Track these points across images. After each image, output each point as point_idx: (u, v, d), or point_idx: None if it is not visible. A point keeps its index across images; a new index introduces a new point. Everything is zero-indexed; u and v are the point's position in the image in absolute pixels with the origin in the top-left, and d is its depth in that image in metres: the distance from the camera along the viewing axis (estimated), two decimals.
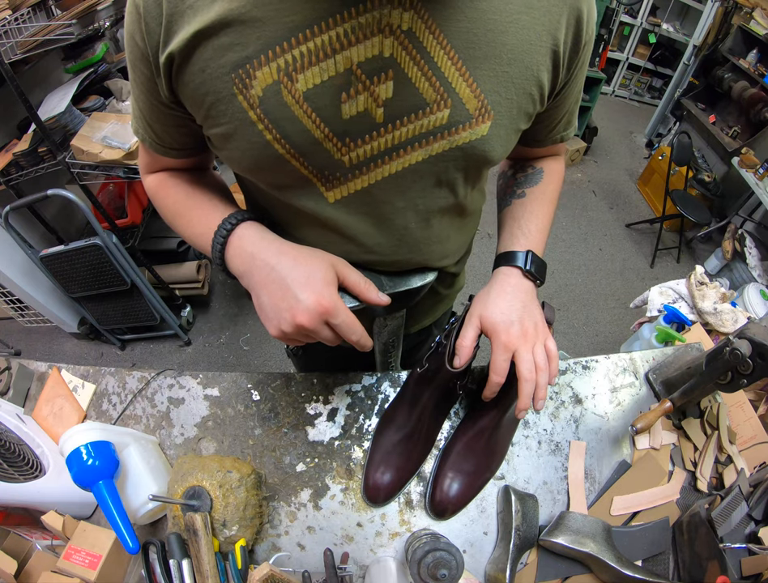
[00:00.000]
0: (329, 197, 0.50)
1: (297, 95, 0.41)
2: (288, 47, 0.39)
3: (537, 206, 0.64)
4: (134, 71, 0.47)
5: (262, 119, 0.42)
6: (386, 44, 0.39)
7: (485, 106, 0.44)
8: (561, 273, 2.70)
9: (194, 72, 0.41)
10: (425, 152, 0.46)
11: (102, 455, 0.57)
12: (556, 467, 0.72)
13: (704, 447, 0.74)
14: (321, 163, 0.46)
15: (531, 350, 0.54)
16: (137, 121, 0.53)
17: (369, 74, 0.40)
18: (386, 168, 0.47)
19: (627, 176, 3.66)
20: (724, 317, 1.21)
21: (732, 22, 3.05)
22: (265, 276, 0.47)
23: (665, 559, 0.67)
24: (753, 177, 2.41)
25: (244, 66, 0.39)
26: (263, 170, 0.48)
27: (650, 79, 4.82)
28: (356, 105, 0.42)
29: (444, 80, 0.42)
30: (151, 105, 0.49)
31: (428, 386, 0.65)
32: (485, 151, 0.48)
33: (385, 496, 0.66)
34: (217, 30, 0.38)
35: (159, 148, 0.54)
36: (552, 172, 0.68)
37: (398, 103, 0.42)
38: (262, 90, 0.41)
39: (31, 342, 2.18)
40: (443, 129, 0.45)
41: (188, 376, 0.78)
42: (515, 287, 0.58)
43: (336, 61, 0.39)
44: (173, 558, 0.56)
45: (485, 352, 0.60)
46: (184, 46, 0.40)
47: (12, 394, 0.77)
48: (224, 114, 0.43)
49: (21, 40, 1.31)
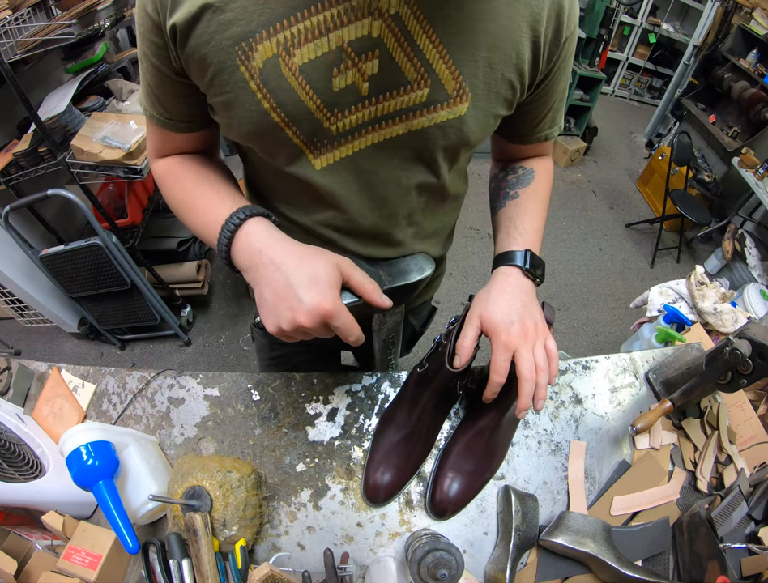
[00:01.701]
0: (316, 165, 0.52)
1: (294, 68, 0.44)
2: (287, 24, 0.42)
3: (531, 206, 0.65)
4: (143, 43, 0.48)
5: (261, 89, 0.45)
6: (375, 26, 0.43)
7: (463, 87, 0.48)
8: (561, 273, 2.70)
9: (198, 44, 0.44)
10: (406, 127, 0.49)
11: (102, 455, 0.57)
12: (556, 467, 0.72)
13: (704, 447, 0.74)
14: (311, 131, 0.49)
15: (532, 349, 0.55)
16: (146, 98, 0.55)
17: (357, 52, 0.44)
18: (369, 137, 0.50)
19: (627, 176, 3.66)
20: (724, 317, 1.21)
21: (732, 22, 3.05)
22: (270, 273, 0.48)
23: (665, 559, 0.67)
24: (753, 177, 2.41)
25: (247, 40, 0.43)
26: (259, 137, 0.51)
27: (650, 79, 4.82)
28: (345, 79, 0.46)
29: (425, 61, 0.45)
30: (160, 77, 0.51)
31: (428, 386, 0.65)
32: (463, 130, 0.51)
33: (385, 496, 0.66)
34: (223, 4, 0.41)
35: (167, 122, 0.56)
36: (543, 172, 0.69)
37: (382, 79, 0.46)
38: (262, 62, 0.44)
39: (31, 342, 2.17)
40: (422, 106, 0.48)
41: (188, 376, 0.78)
42: (515, 287, 0.58)
43: (329, 39, 0.43)
44: (173, 558, 0.56)
45: (485, 352, 0.60)
46: (190, 18, 0.42)
47: (12, 394, 0.77)
48: (227, 83, 0.46)
49: (21, 40, 1.31)
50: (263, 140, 0.51)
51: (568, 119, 3.56)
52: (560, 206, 3.20)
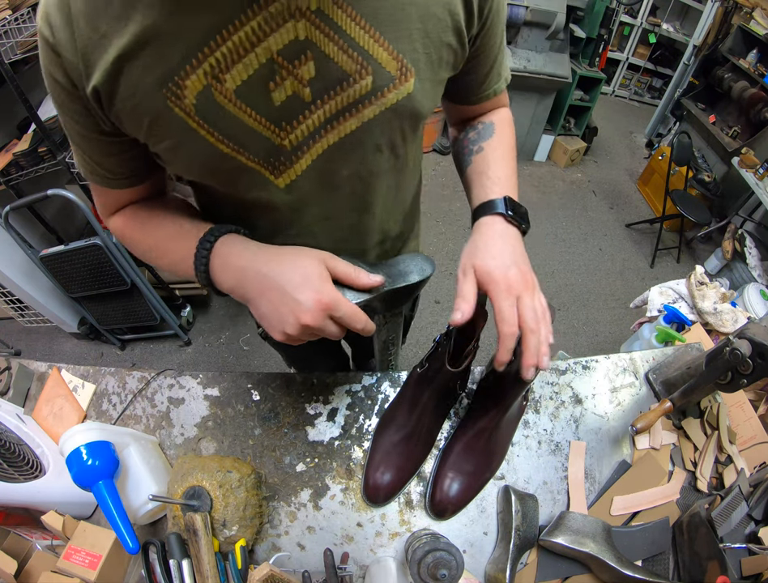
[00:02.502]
0: (279, 184, 0.51)
1: (229, 94, 0.42)
2: (208, 51, 0.40)
3: (499, 155, 0.63)
4: (64, 113, 0.46)
5: (202, 124, 0.44)
6: (300, 27, 0.41)
7: (405, 65, 0.46)
8: (561, 273, 2.70)
9: (124, 98, 0.42)
10: (358, 120, 0.48)
11: (102, 455, 0.57)
12: (556, 467, 0.72)
13: (704, 447, 0.74)
14: (265, 152, 0.48)
15: (533, 297, 0.51)
16: (83, 165, 0.53)
17: (289, 59, 0.42)
18: (324, 140, 0.49)
19: (627, 176, 3.66)
20: (724, 317, 1.21)
21: (732, 22, 3.05)
22: (259, 285, 0.48)
23: (665, 559, 0.67)
24: (753, 177, 2.41)
25: (172, 79, 0.40)
26: (214, 171, 0.49)
27: (650, 79, 4.82)
28: (285, 90, 0.44)
29: (361, 50, 0.44)
30: (92, 141, 0.49)
31: (428, 386, 0.65)
32: (414, 106, 0.50)
33: (385, 496, 0.66)
34: (137, 51, 0.39)
35: (112, 182, 0.54)
36: (502, 122, 0.67)
37: (322, 80, 0.44)
38: (194, 97, 0.42)
39: (31, 342, 2.17)
40: (370, 95, 0.46)
41: (188, 376, 0.78)
42: (503, 234, 0.55)
43: (257, 53, 0.41)
44: (173, 558, 0.56)
45: (485, 352, 0.60)
46: (108, 76, 0.40)
47: (12, 394, 0.77)
48: (165, 129, 0.44)
49: (21, 40, 1.31)
50: (219, 173, 0.49)
51: (568, 119, 3.56)
52: (560, 206, 3.20)
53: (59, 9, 0.39)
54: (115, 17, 0.38)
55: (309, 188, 0.53)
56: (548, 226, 3.01)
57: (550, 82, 2.98)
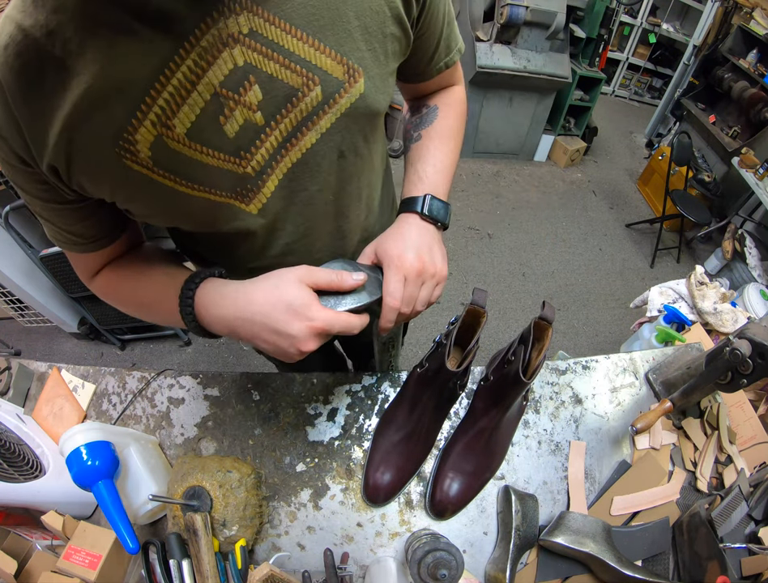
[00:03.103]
0: (251, 210, 0.51)
1: (181, 138, 0.42)
2: (150, 101, 0.39)
3: (433, 146, 0.63)
4: (25, 192, 0.46)
5: (162, 174, 0.43)
6: (237, 54, 0.40)
7: (351, 67, 0.45)
8: (561, 273, 2.70)
9: (81, 166, 0.41)
10: (316, 132, 0.47)
11: (102, 455, 0.57)
12: (556, 467, 0.72)
13: (704, 447, 0.74)
14: (231, 184, 0.47)
15: (420, 285, 0.53)
16: (53, 236, 0.52)
17: (234, 89, 0.41)
18: (287, 159, 0.48)
19: (627, 176, 3.66)
20: (724, 316, 1.21)
21: (732, 22, 3.05)
22: (249, 330, 0.48)
23: (665, 559, 0.67)
24: (753, 177, 2.41)
25: (122, 136, 0.40)
26: (184, 214, 0.49)
27: (650, 79, 4.82)
28: (236, 121, 0.43)
29: (303, 61, 0.43)
30: (58, 212, 0.48)
31: (428, 386, 0.65)
32: (369, 105, 0.49)
33: (385, 496, 0.66)
34: (81, 118, 0.38)
35: (86, 247, 0.53)
36: (447, 106, 0.66)
37: (270, 101, 0.43)
38: (148, 149, 0.41)
39: (31, 342, 2.17)
40: (322, 104, 0.46)
41: (188, 376, 0.78)
42: (415, 228, 0.56)
43: (200, 91, 0.40)
44: (173, 558, 0.56)
45: (485, 352, 0.60)
46: (59, 149, 0.39)
47: (12, 394, 0.77)
48: (127, 186, 0.43)
49: None
50: (192, 215, 0.49)
51: (568, 119, 3.56)
52: (560, 206, 3.20)
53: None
54: (51, 90, 0.37)
55: (280, 208, 0.52)
56: (548, 226, 3.01)
57: (550, 83, 2.98)
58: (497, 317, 2.32)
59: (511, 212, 3.07)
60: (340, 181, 0.55)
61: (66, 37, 0.35)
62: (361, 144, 0.54)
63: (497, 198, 3.15)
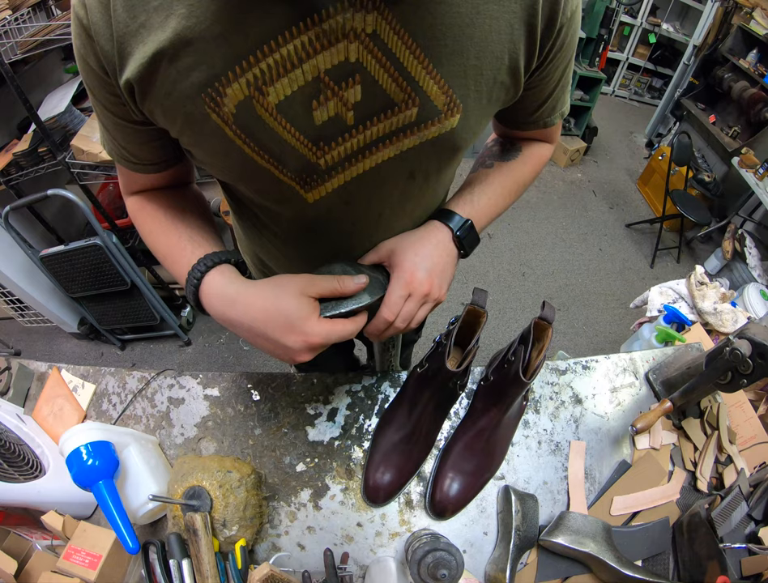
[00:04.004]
0: (308, 198, 0.50)
1: (270, 108, 0.41)
2: (254, 61, 0.38)
3: (498, 181, 0.62)
4: (95, 97, 0.45)
5: (239, 134, 0.42)
6: (352, 49, 0.39)
7: (453, 100, 0.44)
8: (561, 273, 2.70)
9: (159, 96, 0.40)
10: (396, 148, 0.47)
11: (102, 455, 0.57)
12: (556, 467, 0.72)
13: (704, 447, 0.74)
14: (298, 168, 0.46)
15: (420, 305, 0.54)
16: (108, 143, 0.52)
17: (336, 81, 0.40)
18: (360, 165, 0.48)
19: (627, 176, 3.66)
20: (724, 317, 1.21)
21: (732, 22, 3.05)
22: (247, 331, 0.48)
23: (665, 559, 0.67)
24: (753, 177, 2.41)
25: (213, 85, 0.39)
26: (244, 179, 0.49)
27: (650, 79, 4.81)
28: (327, 111, 0.42)
29: (411, 79, 0.42)
30: (121, 127, 0.48)
31: (428, 386, 0.65)
32: (455, 141, 0.49)
33: (385, 496, 0.66)
34: (177, 49, 0.37)
35: (136, 166, 0.53)
36: (531, 155, 0.65)
37: (367, 105, 0.43)
38: (234, 107, 0.40)
39: (31, 342, 2.17)
40: (412, 125, 0.45)
41: (188, 376, 0.78)
42: (440, 243, 0.57)
43: (304, 70, 0.39)
44: (173, 558, 0.56)
45: (485, 352, 0.60)
46: (143, 71, 0.38)
47: (12, 394, 0.77)
48: (200, 133, 0.43)
49: (21, 40, 1.31)
50: (250, 182, 0.49)
51: (568, 119, 3.56)
52: (560, 206, 3.20)
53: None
54: (156, 7, 0.36)
55: (336, 206, 0.52)
56: (548, 226, 3.01)
57: None
58: (497, 317, 2.32)
59: (511, 212, 3.07)
60: (401, 201, 0.55)
61: None
62: (433, 172, 0.54)
63: None
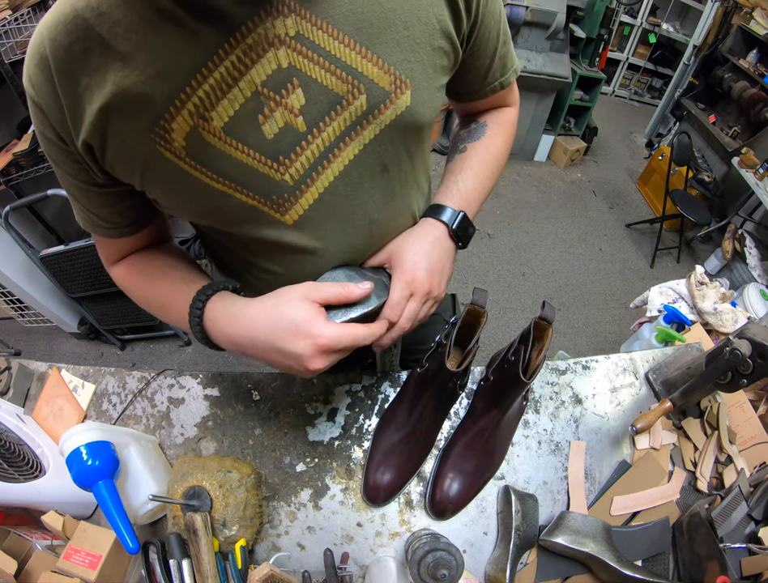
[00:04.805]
0: (287, 221, 0.49)
1: (217, 132, 0.41)
2: (191, 91, 0.39)
3: (476, 161, 0.62)
4: (59, 167, 0.47)
5: (194, 166, 0.43)
6: (281, 55, 0.40)
7: (399, 77, 0.44)
8: (561, 273, 2.70)
9: (115, 147, 0.42)
10: (359, 143, 0.46)
11: (102, 455, 0.57)
12: (556, 467, 0.72)
13: (704, 447, 0.74)
14: (264, 188, 0.46)
15: (422, 303, 0.54)
16: (81, 216, 0.53)
17: (276, 90, 0.41)
18: (329, 172, 0.47)
19: (627, 176, 3.66)
20: (724, 317, 1.21)
21: (732, 22, 3.05)
22: (256, 349, 0.48)
23: (665, 559, 0.67)
24: (753, 177, 2.41)
25: (158, 123, 0.40)
26: (213, 211, 0.48)
27: (650, 79, 4.82)
28: (276, 122, 0.42)
29: (349, 68, 0.42)
30: (88, 193, 0.49)
31: (428, 386, 0.65)
32: (414, 119, 0.48)
33: (385, 496, 0.66)
34: (120, 100, 0.39)
35: (110, 231, 0.54)
36: (498, 125, 0.65)
37: (313, 107, 0.43)
38: (183, 139, 0.41)
39: (31, 342, 2.17)
40: (366, 114, 0.45)
41: (188, 376, 0.78)
42: (436, 240, 0.56)
43: (241, 87, 0.40)
44: (173, 558, 0.56)
45: (485, 351, 0.60)
46: (96, 127, 0.40)
47: (12, 394, 0.77)
48: (158, 174, 0.44)
49: (21, 40, 1.31)
50: (219, 213, 0.48)
51: (568, 119, 3.56)
52: (560, 206, 3.20)
53: (40, 68, 0.39)
54: (95, 68, 0.38)
55: (320, 223, 0.51)
56: (548, 226, 3.01)
57: (550, 82, 2.98)
58: (497, 317, 2.32)
59: (511, 212, 3.07)
60: (385, 199, 0.54)
61: (115, 20, 0.36)
62: (405, 158, 0.53)
63: (497, 198, 3.15)
